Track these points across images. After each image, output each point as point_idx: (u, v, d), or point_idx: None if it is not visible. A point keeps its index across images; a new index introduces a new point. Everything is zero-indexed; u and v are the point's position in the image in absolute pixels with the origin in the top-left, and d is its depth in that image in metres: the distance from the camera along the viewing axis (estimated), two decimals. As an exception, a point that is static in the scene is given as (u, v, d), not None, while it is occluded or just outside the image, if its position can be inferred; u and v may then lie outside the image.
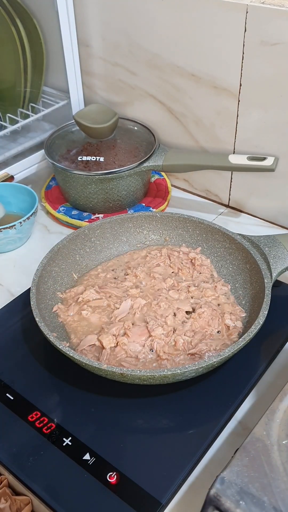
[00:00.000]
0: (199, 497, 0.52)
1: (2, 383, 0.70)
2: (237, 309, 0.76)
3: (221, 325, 0.73)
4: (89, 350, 0.71)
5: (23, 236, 0.93)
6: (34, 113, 1.09)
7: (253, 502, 0.47)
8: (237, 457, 0.51)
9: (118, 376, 0.62)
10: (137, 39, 0.97)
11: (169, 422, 0.65)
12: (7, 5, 0.99)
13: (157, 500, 0.57)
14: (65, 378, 0.70)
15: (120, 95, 1.07)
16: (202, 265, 0.83)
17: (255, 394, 0.69)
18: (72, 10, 1.00)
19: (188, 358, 0.69)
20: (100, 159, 0.95)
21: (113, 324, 0.73)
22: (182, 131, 1.01)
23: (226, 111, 0.92)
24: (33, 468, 0.60)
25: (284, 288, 0.82)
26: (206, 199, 1.06)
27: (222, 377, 0.69)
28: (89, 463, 0.60)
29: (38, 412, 0.66)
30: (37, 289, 0.73)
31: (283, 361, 0.73)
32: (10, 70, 1.05)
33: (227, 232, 0.81)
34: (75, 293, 0.80)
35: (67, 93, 1.09)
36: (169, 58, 0.94)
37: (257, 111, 0.88)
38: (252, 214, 1.01)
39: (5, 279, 0.89)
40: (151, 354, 0.70)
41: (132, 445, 0.62)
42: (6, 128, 1.05)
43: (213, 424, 0.64)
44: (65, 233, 0.98)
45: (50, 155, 0.98)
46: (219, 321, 0.74)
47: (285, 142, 0.88)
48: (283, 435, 0.52)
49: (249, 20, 0.81)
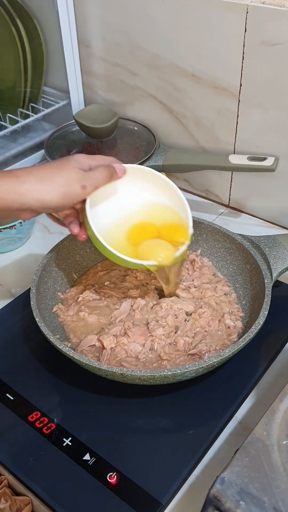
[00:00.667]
0: (199, 497, 0.52)
1: (2, 383, 0.69)
2: (237, 309, 0.76)
3: (221, 325, 0.73)
4: (89, 351, 0.71)
5: (23, 236, 0.93)
6: (34, 113, 1.09)
7: (253, 502, 0.47)
8: (237, 457, 0.51)
9: (118, 376, 0.62)
10: (137, 39, 0.97)
11: (169, 422, 0.65)
12: (7, 5, 0.99)
13: (157, 500, 0.57)
14: (65, 378, 0.70)
15: (120, 95, 1.07)
16: (203, 266, 0.83)
17: (255, 394, 0.69)
18: (72, 10, 1.00)
19: (188, 359, 0.69)
20: (100, 159, 0.95)
21: (113, 325, 0.73)
22: (182, 131, 1.01)
23: (226, 111, 0.92)
24: (33, 468, 0.60)
25: (285, 288, 0.82)
26: (206, 199, 1.06)
27: (222, 377, 0.69)
28: (89, 463, 0.60)
29: (38, 412, 0.66)
30: (37, 289, 0.73)
31: (283, 361, 0.73)
32: (10, 70, 1.05)
33: (228, 232, 0.81)
34: (75, 293, 0.80)
35: (67, 93, 1.09)
36: (169, 58, 0.94)
37: (257, 111, 0.88)
38: (252, 214, 1.01)
39: (5, 279, 0.89)
40: (151, 354, 0.69)
41: (132, 445, 0.62)
42: (6, 128, 1.05)
43: (213, 424, 0.64)
44: (65, 233, 0.97)
45: (50, 155, 0.98)
46: (220, 321, 0.74)
47: (285, 142, 0.88)
48: (283, 436, 0.52)
49: (249, 20, 0.81)
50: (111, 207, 0.72)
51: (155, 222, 0.74)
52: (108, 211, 0.72)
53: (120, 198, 0.73)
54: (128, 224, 0.74)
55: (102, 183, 0.66)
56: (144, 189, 0.74)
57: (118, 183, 0.70)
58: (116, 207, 0.73)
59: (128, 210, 0.74)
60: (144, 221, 0.74)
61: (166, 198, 0.74)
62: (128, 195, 0.73)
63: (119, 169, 0.69)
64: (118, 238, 0.71)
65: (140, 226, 0.74)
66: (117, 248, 0.67)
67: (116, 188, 0.72)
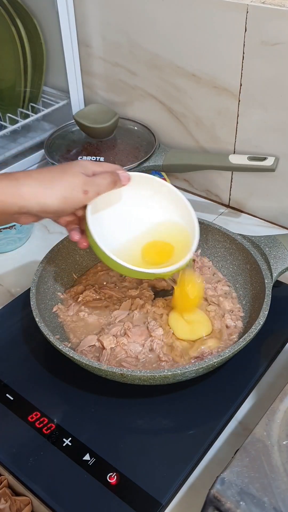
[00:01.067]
0: (199, 497, 0.52)
1: (2, 383, 0.69)
2: (238, 308, 0.76)
3: (221, 325, 0.73)
4: (89, 351, 0.71)
5: (23, 236, 0.93)
6: (34, 113, 1.09)
7: (254, 502, 0.47)
8: (237, 457, 0.51)
9: (118, 377, 0.62)
10: (137, 39, 0.97)
11: (169, 422, 0.65)
12: (7, 5, 0.99)
13: (157, 500, 0.57)
14: (65, 378, 0.70)
15: (120, 95, 1.07)
16: (203, 266, 0.83)
17: (256, 394, 0.69)
18: (72, 10, 1.00)
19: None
20: (100, 159, 0.95)
21: (113, 325, 0.73)
22: (182, 131, 1.01)
23: (227, 111, 0.92)
24: (33, 468, 0.60)
25: (285, 289, 0.82)
26: (206, 199, 1.06)
27: (222, 377, 0.69)
28: (89, 464, 0.60)
29: (38, 412, 0.66)
30: (37, 289, 0.73)
31: (284, 361, 0.73)
32: (10, 70, 1.05)
33: (228, 232, 0.81)
34: (75, 293, 0.80)
35: (67, 93, 1.09)
36: (169, 58, 0.94)
37: (258, 111, 0.88)
38: (252, 214, 1.01)
39: (5, 279, 0.89)
40: (151, 354, 0.69)
41: (132, 446, 0.62)
42: (6, 128, 1.05)
43: (213, 424, 0.64)
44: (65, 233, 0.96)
45: (50, 155, 0.98)
46: (220, 321, 0.74)
47: (285, 142, 0.88)
48: (283, 436, 0.52)
49: (249, 20, 0.81)
50: (114, 215, 0.70)
51: (164, 237, 0.71)
52: (111, 219, 0.70)
53: (125, 207, 0.71)
54: (134, 235, 0.71)
55: (104, 189, 0.64)
56: (150, 197, 0.71)
57: (123, 191, 0.68)
58: (120, 216, 0.71)
59: (133, 219, 0.72)
60: (157, 240, 0.71)
61: (172, 207, 0.71)
62: (133, 204, 0.71)
63: (124, 176, 0.67)
64: (124, 248, 0.69)
65: (157, 245, 0.71)
66: (124, 259, 0.64)
67: (121, 196, 0.70)
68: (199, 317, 0.73)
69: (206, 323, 0.72)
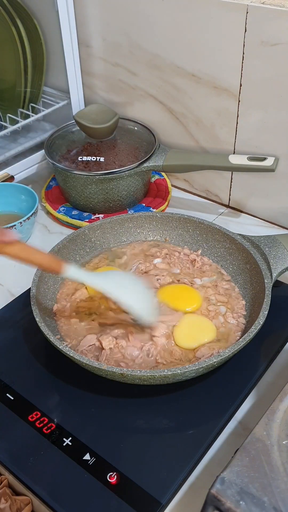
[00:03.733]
0: (199, 497, 0.52)
1: (2, 383, 0.69)
2: (238, 307, 0.76)
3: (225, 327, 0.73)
4: (89, 350, 0.71)
5: (23, 236, 0.93)
6: (35, 113, 1.09)
7: (253, 502, 0.47)
8: (237, 457, 0.51)
9: (118, 376, 0.62)
10: (137, 39, 0.97)
11: (169, 422, 0.65)
12: (7, 5, 0.99)
13: (157, 500, 0.57)
14: (65, 378, 0.70)
15: (120, 95, 1.07)
16: (205, 264, 0.83)
17: (255, 394, 0.69)
18: (72, 10, 1.00)
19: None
20: (101, 159, 0.95)
21: (114, 326, 0.73)
22: (182, 131, 1.01)
23: (226, 111, 0.92)
24: (33, 468, 0.60)
25: (285, 289, 0.82)
26: (206, 199, 1.06)
27: (222, 377, 0.69)
28: (89, 463, 0.60)
29: (38, 412, 0.66)
30: (37, 289, 0.73)
31: (283, 361, 0.73)
32: (11, 70, 1.05)
33: (227, 232, 0.81)
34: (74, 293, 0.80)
35: (68, 93, 1.09)
36: (169, 58, 0.94)
37: (257, 111, 0.88)
38: (252, 214, 1.01)
39: (5, 279, 0.89)
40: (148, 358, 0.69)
41: (132, 445, 0.62)
42: (6, 128, 1.05)
43: (213, 424, 0.64)
44: (65, 233, 0.97)
45: (51, 155, 0.98)
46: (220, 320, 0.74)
47: (285, 142, 0.88)
48: (283, 435, 0.52)
49: (249, 20, 0.81)
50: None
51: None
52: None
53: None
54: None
55: None
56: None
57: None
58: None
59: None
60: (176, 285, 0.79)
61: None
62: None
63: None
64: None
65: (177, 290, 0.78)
66: None
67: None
68: (203, 325, 0.73)
69: (209, 330, 0.72)
